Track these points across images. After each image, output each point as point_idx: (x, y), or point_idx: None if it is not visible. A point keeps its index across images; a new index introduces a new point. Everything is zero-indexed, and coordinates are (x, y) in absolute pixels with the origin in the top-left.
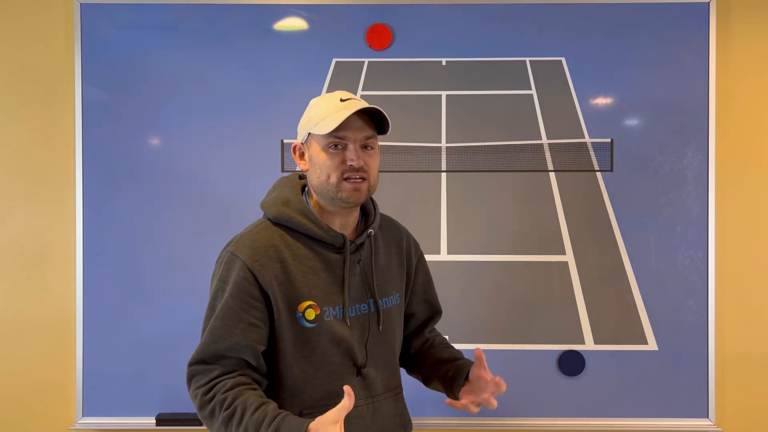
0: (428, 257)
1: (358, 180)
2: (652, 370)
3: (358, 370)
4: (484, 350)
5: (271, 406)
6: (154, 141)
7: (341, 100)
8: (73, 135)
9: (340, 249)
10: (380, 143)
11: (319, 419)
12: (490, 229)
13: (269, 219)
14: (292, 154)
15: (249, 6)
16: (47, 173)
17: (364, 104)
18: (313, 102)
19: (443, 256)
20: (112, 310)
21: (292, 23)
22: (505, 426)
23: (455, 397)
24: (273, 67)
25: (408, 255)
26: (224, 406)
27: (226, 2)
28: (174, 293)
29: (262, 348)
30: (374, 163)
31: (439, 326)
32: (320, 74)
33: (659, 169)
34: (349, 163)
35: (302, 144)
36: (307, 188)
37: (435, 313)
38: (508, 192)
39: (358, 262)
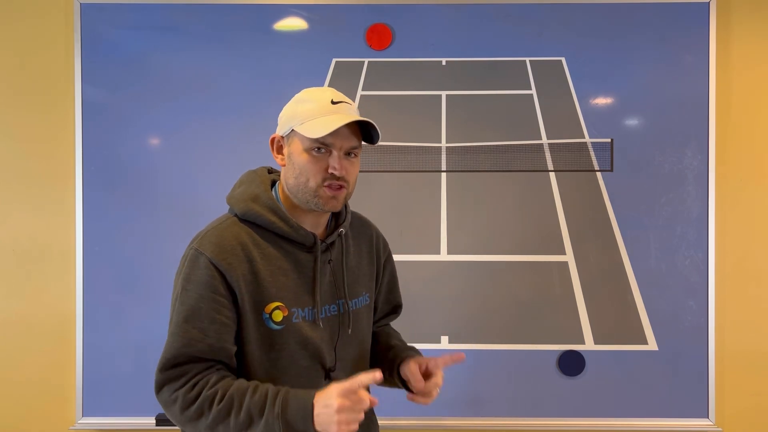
0: (428, 257)
1: (337, 188)
2: (652, 370)
3: (327, 373)
4: (484, 350)
5: (268, 384)
6: (154, 141)
7: (333, 102)
8: (73, 135)
9: (310, 248)
10: (380, 143)
11: (324, 392)
12: (490, 229)
13: (236, 215)
14: (270, 146)
15: (249, 6)
16: (47, 173)
17: (355, 112)
18: (301, 96)
19: (443, 256)
20: (112, 310)
21: (292, 23)
22: (505, 426)
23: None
24: (273, 67)
25: (377, 253)
26: (216, 400)
27: (226, 2)
28: None
29: (235, 349)
30: (355, 171)
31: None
32: (320, 74)
33: (659, 169)
34: (331, 171)
35: (282, 137)
36: (277, 183)
37: (394, 310)
38: (508, 192)
39: (329, 263)
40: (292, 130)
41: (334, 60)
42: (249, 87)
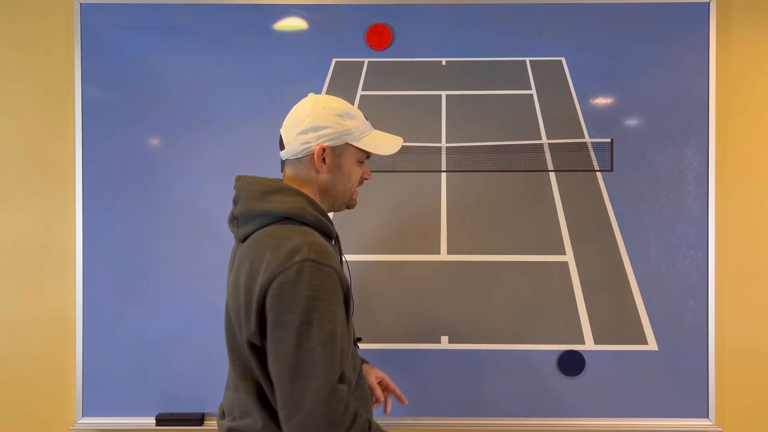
0: (428, 257)
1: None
2: (652, 370)
3: (355, 344)
4: (484, 350)
5: None
6: (154, 141)
7: (366, 118)
8: (73, 135)
9: (335, 239)
10: None
11: None
12: (490, 229)
13: (304, 223)
14: (317, 156)
15: (249, 6)
16: (47, 173)
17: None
18: (342, 109)
19: (443, 256)
20: (112, 310)
21: (292, 23)
22: (505, 426)
23: None
24: (273, 67)
25: None
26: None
27: (226, 2)
28: (174, 293)
29: None
30: None
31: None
32: (320, 74)
33: (659, 169)
34: (366, 177)
35: (330, 149)
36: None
37: None
38: (508, 192)
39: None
40: (346, 143)
41: (334, 60)
42: (249, 87)
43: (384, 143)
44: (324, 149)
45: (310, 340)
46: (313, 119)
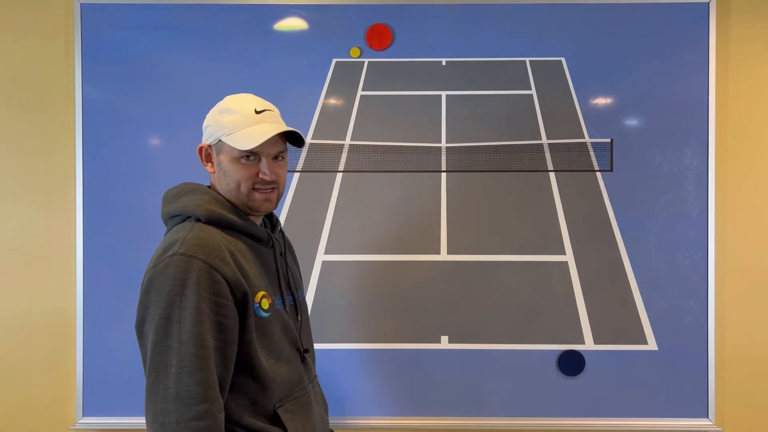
0: (428, 257)
1: (269, 191)
2: (652, 370)
3: (302, 357)
4: (484, 350)
5: None
6: (154, 141)
7: (256, 112)
8: (73, 135)
9: (266, 243)
10: (381, 143)
11: None
12: (490, 229)
13: (198, 220)
14: (198, 155)
15: (249, 6)
16: (47, 173)
17: (278, 117)
18: (225, 106)
19: (443, 256)
20: (112, 310)
21: (292, 23)
22: (505, 426)
23: None
24: (273, 67)
25: (293, 251)
26: None
27: (226, 2)
28: None
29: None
30: (284, 172)
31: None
32: (320, 74)
33: (659, 169)
34: (261, 176)
35: (210, 146)
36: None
37: None
38: (508, 192)
39: (282, 255)
40: (220, 140)
41: (334, 60)
42: (249, 87)
43: (248, 136)
44: (202, 148)
45: (170, 336)
46: (206, 118)
